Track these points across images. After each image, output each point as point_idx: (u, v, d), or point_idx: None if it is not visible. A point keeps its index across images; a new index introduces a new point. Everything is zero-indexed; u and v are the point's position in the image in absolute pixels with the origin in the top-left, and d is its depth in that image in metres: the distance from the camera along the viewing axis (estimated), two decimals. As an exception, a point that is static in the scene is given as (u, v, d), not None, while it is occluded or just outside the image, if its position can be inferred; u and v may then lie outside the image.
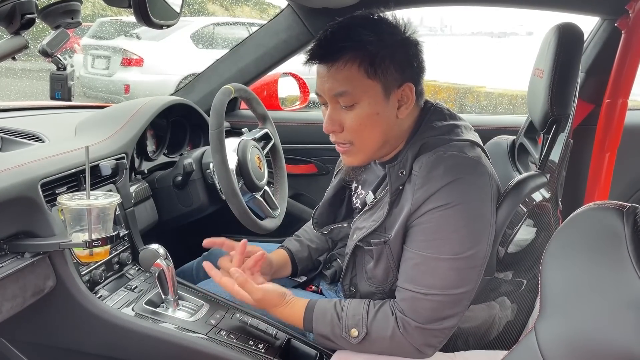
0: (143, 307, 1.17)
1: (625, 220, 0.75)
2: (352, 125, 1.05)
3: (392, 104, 1.06)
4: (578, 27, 1.22)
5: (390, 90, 1.05)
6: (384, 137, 1.08)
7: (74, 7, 1.13)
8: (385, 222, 1.09)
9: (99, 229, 1.04)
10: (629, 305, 0.70)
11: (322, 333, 1.10)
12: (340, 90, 1.03)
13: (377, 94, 1.04)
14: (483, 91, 7.73)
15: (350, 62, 1.02)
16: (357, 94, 1.03)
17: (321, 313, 1.10)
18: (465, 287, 1.03)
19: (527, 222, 1.24)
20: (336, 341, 1.09)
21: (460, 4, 1.85)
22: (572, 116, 1.27)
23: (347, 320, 1.07)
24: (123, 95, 6.22)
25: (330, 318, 1.09)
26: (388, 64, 1.03)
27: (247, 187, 1.45)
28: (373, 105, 1.04)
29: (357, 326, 1.06)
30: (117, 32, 7.19)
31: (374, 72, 1.02)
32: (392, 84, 1.04)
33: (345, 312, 1.08)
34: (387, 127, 1.07)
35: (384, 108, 1.05)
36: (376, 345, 1.07)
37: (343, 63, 1.02)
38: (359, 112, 1.04)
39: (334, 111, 1.07)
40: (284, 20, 1.86)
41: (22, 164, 1.07)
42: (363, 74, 1.02)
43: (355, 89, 1.03)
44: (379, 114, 1.05)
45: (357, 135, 1.07)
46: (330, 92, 1.05)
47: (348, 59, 1.02)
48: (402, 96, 1.06)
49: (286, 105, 2.42)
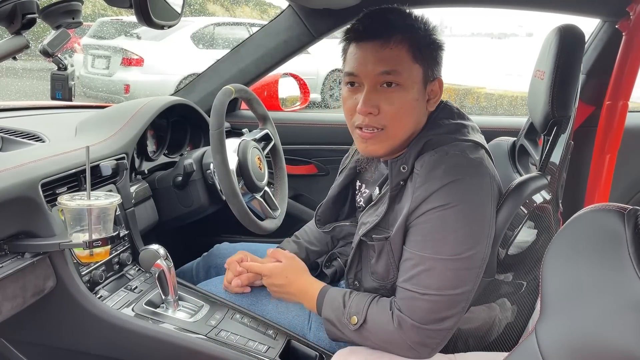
0: (143, 308, 1.16)
1: (626, 223, 0.75)
2: (392, 108, 1.04)
3: (426, 95, 1.08)
4: (579, 28, 1.22)
5: (428, 80, 1.07)
6: (414, 127, 1.09)
7: (75, 7, 1.13)
8: (386, 218, 1.10)
9: (100, 229, 1.04)
10: (630, 307, 0.70)
11: (328, 317, 1.13)
12: (388, 68, 1.03)
13: (418, 80, 1.06)
14: (483, 92, 7.74)
15: (401, 43, 1.03)
16: (404, 75, 1.04)
17: (330, 299, 1.14)
18: (463, 288, 1.03)
19: (528, 224, 1.24)
20: (339, 327, 1.11)
21: (461, 5, 1.84)
22: (572, 118, 1.27)
23: (350, 309, 1.10)
24: (123, 95, 6.22)
25: (337, 305, 1.12)
26: (430, 53, 1.06)
27: (247, 188, 1.45)
28: (414, 91, 1.05)
29: (358, 314, 1.08)
30: (118, 32, 7.18)
31: (421, 57, 1.04)
32: (430, 74, 1.07)
33: (351, 301, 1.11)
34: (418, 117, 1.09)
35: (422, 96, 1.07)
36: (372, 336, 1.08)
37: (395, 43, 1.03)
38: (402, 95, 1.04)
39: (372, 92, 1.05)
40: (285, 20, 1.86)
41: (23, 164, 1.07)
42: (411, 57, 1.04)
43: (403, 70, 1.04)
44: (418, 100, 1.06)
45: (394, 119, 1.05)
46: (376, 70, 1.03)
47: (400, 39, 1.03)
48: (431, 90, 1.09)
49: (286, 106, 2.42)
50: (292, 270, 1.23)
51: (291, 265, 1.24)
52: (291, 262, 1.25)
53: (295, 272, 1.23)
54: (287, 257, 1.26)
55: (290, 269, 1.23)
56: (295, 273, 1.23)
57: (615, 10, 1.72)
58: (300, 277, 1.22)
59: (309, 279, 1.23)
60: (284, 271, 1.23)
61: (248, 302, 1.28)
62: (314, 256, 1.41)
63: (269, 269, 1.24)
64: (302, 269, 1.25)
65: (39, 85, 6.56)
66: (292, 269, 1.23)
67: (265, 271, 1.24)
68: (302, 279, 1.22)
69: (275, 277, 1.23)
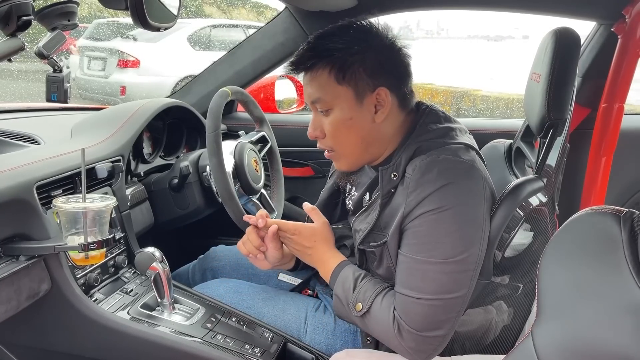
0: (138, 311, 1.16)
1: (622, 225, 0.75)
2: (329, 130, 1.10)
3: (368, 109, 1.08)
4: (575, 31, 1.23)
5: (363, 95, 1.07)
6: (363, 141, 1.10)
7: (71, 9, 1.12)
8: (378, 224, 1.10)
9: (95, 232, 1.04)
10: (626, 310, 0.70)
11: (338, 295, 1.13)
12: (314, 97, 1.09)
13: (349, 99, 1.07)
14: (479, 94, 7.76)
15: (321, 70, 1.07)
16: (329, 99, 1.08)
17: (343, 277, 1.14)
18: (458, 292, 1.03)
19: (524, 227, 1.24)
20: (346, 306, 1.12)
21: (457, 8, 1.85)
22: (568, 120, 1.27)
23: (359, 294, 1.10)
24: (119, 96, 6.20)
25: (348, 286, 1.12)
26: (357, 69, 1.06)
27: (243, 190, 1.45)
28: (346, 111, 1.08)
29: (364, 302, 1.08)
30: (114, 34, 7.17)
31: (343, 78, 1.06)
32: (364, 89, 1.07)
33: (361, 285, 1.11)
34: (364, 132, 1.10)
35: (358, 113, 1.08)
36: (372, 326, 1.09)
37: (315, 71, 1.08)
38: (333, 118, 1.09)
39: (315, 117, 1.12)
40: (282, 23, 1.86)
41: (18, 166, 1.07)
42: (333, 81, 1.06)
43: (327, 95, 1.08)
44: (352, 118, 1.08)
45: (335, 141, 1.11)
46: (308, 99, 1.11)
47: (319, 67, 1.07)
48: (377, 101, 1.08)
49: (283, 108, 2.41)
50: (322, 237, 1.20)
51: (322, 231, 1.21)
52: (323, 228, 1.22)
53: (323, 239, 1.20)
54: (322, 221, 1.23)
55: (320, 235, 1.20)
56: (323, 240, 1.20)
57: (610, 14, 1.73)
58: (325, 245, 1.20)
59: (332, 249, 1.21)
60: (315, 235, 1.20)
61: (244, 305, 1.28)
62: None
63: (299, 226, 1.20)
64: (330, 238, 1.22)
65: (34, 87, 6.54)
66: (322, 235, 1.21)
67: (296, 229, 1.20)
68: (326, 248, 1.20)
69: (304, 238, 1.19)
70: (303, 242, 1.19)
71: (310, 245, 1.19)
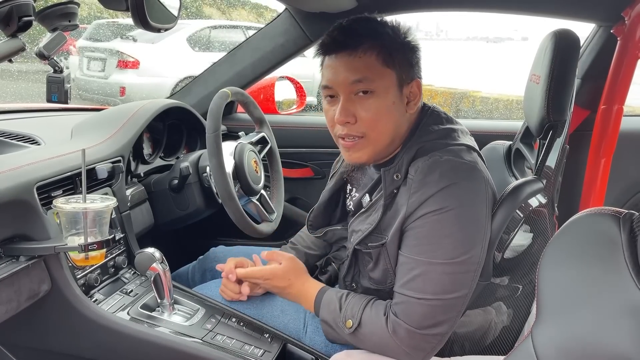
0: (138, 311, 1.16)
1: (621, 227, 0.75)
2: (368, 115, 1.05)
3: (403, 98, 1.08)
4: (574, 33, 1.23)
5: (403, 83, 1.07)
6: (394, 132, 1.09)
7: (71, 9, 1.13)
8: (380, 225, 1.10)
9: (95, 232, 1.04)
10: (625, 311, 0.70)
11: (325, 319, 1.14)
12: (359, 77, 1.04)
13: (392, 84, 1.06)
14: (479, 96, 7.76)
15: (370, 50, 1.04)
16: (375, 81, 1.05)
17: (327, 301, 1.14)
18: (459, 292, 1.03)
19: (524, 228, 1.24)
20: (336, 329, 1.12)
21: (456, 10, 1.85)
22: (568, 122, 1.27)
23: (346, 312, 1.10)
24: (119, 97, 6.21)
25: (334, 307, 1.12)
26: (404, 55, 1.07)
27: (243, 191, 1.45)
28: (390, 95, 1.06)
29: (353, 318, 1.09)
30: (114, 35, 7.17)
31: (391, 61, 1.05)
32: (405, 76, 1.08)
33: (347, 304, 1.11)
34: (398, 121, 1.09)
35: (398, 99, 1.07)
36: (367, 339, 1.09)
37: (363, 51, 1.04)
38: (376, 102, 1.05)
39: (348, 102, 1.06)
40: (282, 24, 1.86)
41: (18, 166, 1.07)
42: (381, 62, 1.05)
43: (374, 76, 1.04)
44: (394, 103, 1.07)
45: (371, 126, 1.06)
46: (348, 80, 1.05)
47: (367, 47, 1.04)
48: (410, 92, 1.09)
49: (283, 109, 2.42)
50: (295, 273, 1.22)
51: (292, 267, 1.23)
52: (291, 264, 1.24)
53: (296, 274, 1.22)
54: (287, 258, 1.25)
55: (292, 271, 1.22)
56: (297, 275, 1.22)
57: (610, 16, 1.73)
58: (300, 279, 1.22)
59: (308, 280, 1.22)
60: (286, 273, 1.22)
61: (244, 306, 1.28)
62: (313, 260, 1.41)
63: (269, 271, 1.22)
64: (302, 269, 1.24)
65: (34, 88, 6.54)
66: (295, 271, 1.23)
67: (266, 274, 1.23)
68: (302, 280, 1.22)
69: (277, 280, 1.22)
70: (278, 284, 1.22)
71: (286, 284, 1.21)
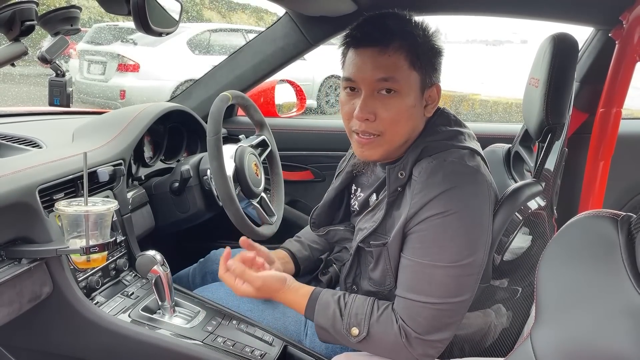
0: (139, 314, 1.17)
1: (619, 229, 0.76)
2: (389, 114, 1.04)
3: (423, 101, 1.08)
4: (572, 37, 1.24)
5: (425, 86, 1.07)
6: (410, 133, 1.08)
7: (73, 14, 1.13)
8: (384, 224, 1.10)
9: (96, 235, 1.04)
10: (624, 313, 0.71)
11: (323, 325, 1.09)
12: (385, 75, 1.03)
13: (415, 87, 1.05)
14: (478, 99, 7.78)
15: (399, 50, 1.03)
16: (401, 82, 1.03)
17: (324, 305, 1.09)
18: (464, 295, 1.03)
19: (523, 230, 1.25)
20: (335, 335, 1.08)
21: (456, 14, 1.86)
22: (567, 125, 1.28)
23: (350, 318, 1.06)
24: (119, 100, 6.21)
25: (333, 313, 1.07)
26: (430, 59, 1.06)
27: (244, 194, 1.45)
28: (411, 98, 1.05)
29: (359, 325, 1.05)
30: (114, 38, 7.18)
31: (418, 64, 1.04)
32: (428, 80, 1.07)
33: (349, 309, 1.07)
34: (415, 123, 1.08)
35: (419, 102, 1.07)
36: (374, 347, 1.07)
37: (393, 49, 1.02)
38: (399, 102, 1.04)
39: (370, 99, 1.05)
40: (282, 27, 1.87)
41: (20, 169, 1.07)
42: (408, 64, 1.03)
43: (401, 77, 1.03)
44: (415, 106, 1.06)
45: (390, 126, 1.05)
46: (374, 76, 1.03)
47: (398, 46, 1.02)
48: (429, 96, 1.08)
49: (283, 112, 2.42)
50: (265, 293, 1.12)
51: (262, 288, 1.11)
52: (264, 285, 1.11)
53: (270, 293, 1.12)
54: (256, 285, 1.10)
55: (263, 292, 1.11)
56: (270, 294, 1.12)
57: (608, 19, 1.74)
58: (278, 294, 1.12)
59: (288, 293, 1.12)
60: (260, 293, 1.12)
61: (244, 308, 1.28)
62: (317, 254, 1.41)
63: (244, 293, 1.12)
64: (276, 289, 1.12)
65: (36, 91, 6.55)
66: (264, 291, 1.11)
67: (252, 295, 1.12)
68: (282, 295, 1.12)
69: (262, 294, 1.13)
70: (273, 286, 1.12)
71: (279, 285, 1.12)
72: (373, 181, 1.21)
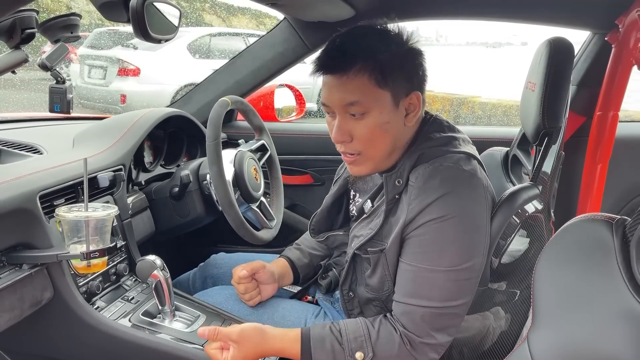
0: (140, 318, 1.17)
1: (614, 232, 0.76)
2: (363, 134, 1.05)
3: (401, 112, 1.06)
4: (568, 41, 1.25)
5: (399, 99, 1.05)
6: (392, 146, 1.08)
7: (73, 21, 1.14)
8: (381, 231, 1.10)
9: (97, 240, 1.05)
10: (619, 316, 0.71)
11: None
12: (351, 100, 1.02)
13: (387, 103, 1.04)
14: (478, 101, 7.77)
15: (361, 72, 1.01)
16: (368, 103, 1.02)
17: (319, 341, 1.05)
18: (464, 299, 1.04)
19: (520, 233, 1.25)
20: None
21: (455, 19, 1.87)
22: (563, 128, 1.29)
23: (350, 344, 1.04)
24: (119, 105, 6.23)
25: (331, 345, 1.05)
26: (397, 73, 1.03)
27: (243, 198, 1.46)
28: (383, 115, 1.04)
29: (362, 349, 1.03)
30: (114, 42, 7.20)
31: (384, 82, 1.02)
32: (400, 93, 1.05)
33: (345, 335, 1.05)
34: (396, 136, 1.07)
35: (394, 116, 1.05)
36: None
37: (354, 73, 1.01)
38: (370, 122, 1.04)
39: (343, 121, 1.05)
40: (281, 33, 1.88)
41: (21, 176, 1.08)
42: (374, 84, 1.02)
43: (367, 99, 1.02)
44: (389, 122, 1.05)
45: (367, 145, 1.06)
46: (341, 102, 1.04)
47: (359, 68, 1.01)
48: (409, 104, 1.07)
49: (282, 117, 2.43)
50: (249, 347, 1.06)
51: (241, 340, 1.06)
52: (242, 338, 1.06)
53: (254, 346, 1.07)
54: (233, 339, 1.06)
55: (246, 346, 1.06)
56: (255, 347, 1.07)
57: (604, 23, 1.75)
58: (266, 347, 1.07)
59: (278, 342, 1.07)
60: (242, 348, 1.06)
61: (244, 313, 1.29)
62: (317, 260, 1.42)
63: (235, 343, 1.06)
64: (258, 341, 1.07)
65: (36, 97, 6.57)
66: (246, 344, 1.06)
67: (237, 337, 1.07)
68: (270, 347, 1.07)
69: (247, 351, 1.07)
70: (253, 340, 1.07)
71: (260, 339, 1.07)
72: (370, 187, 1.22)
